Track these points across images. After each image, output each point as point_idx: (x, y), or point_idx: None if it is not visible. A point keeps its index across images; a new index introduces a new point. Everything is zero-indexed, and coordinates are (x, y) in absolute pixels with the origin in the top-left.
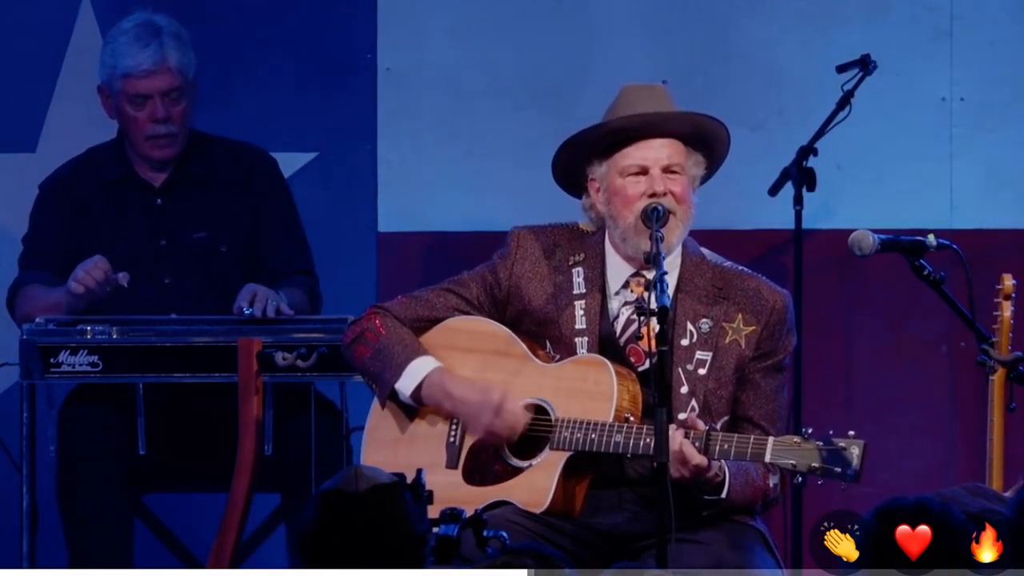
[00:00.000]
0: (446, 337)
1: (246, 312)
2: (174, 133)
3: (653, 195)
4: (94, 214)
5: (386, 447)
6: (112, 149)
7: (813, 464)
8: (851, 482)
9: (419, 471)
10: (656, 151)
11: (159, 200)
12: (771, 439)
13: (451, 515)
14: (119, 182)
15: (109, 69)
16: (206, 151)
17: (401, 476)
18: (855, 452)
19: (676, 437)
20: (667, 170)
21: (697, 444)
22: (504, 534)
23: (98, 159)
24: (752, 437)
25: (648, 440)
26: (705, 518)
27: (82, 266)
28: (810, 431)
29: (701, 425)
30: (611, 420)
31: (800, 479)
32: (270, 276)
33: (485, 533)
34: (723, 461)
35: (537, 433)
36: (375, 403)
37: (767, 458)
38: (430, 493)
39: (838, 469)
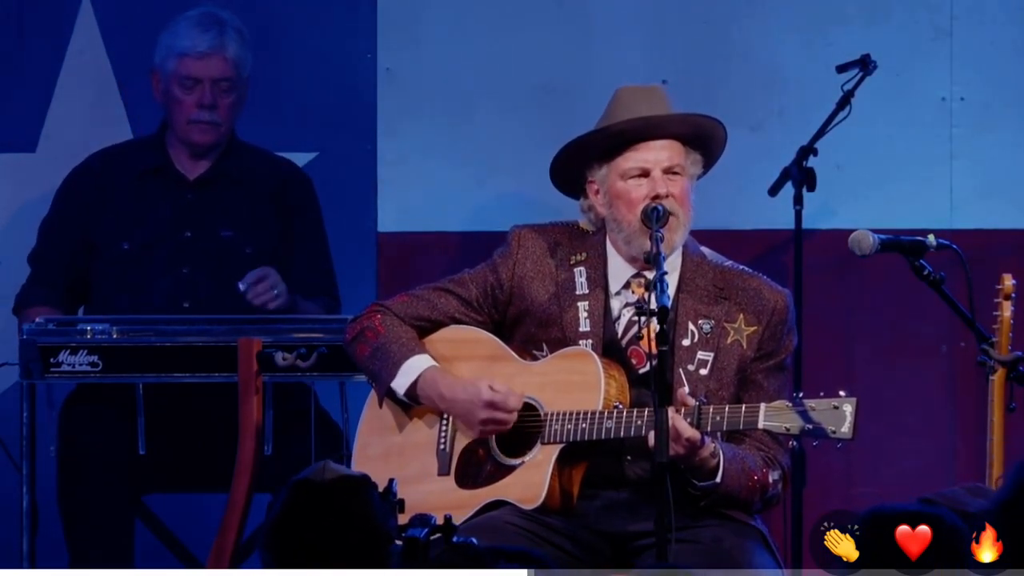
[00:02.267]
0: (433, 349)
1: (241, 288)
2: (217, 123)
3: (656, 197)
4: (120, 202)
5: (377, 463)
6: (152, 140)
7: (807, 426)
8: (846, 440)
9: (391, 481)
10: (657, 153)
11: (190, 195)
12: (763, 405)
13: (421, 519)
14: (153, 172)
15: (165, 49)
16: (244, 156)
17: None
18: (848, 410)
19: (669, 414)
20: (668, 171)
21: (689, 419)
22: (474, 540)
23: (136, 148)
24: (744, 406)
25: (640, 423)
26: (705, 518)
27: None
28: (801, 395)
29: (691, 400)
30: (600, 408)
31: (796, 443)
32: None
33: (455, 539)
34: (719, 447)
35: (528, 430)
36: (362, 421)
37: (760, 424)
38: (401, 502)
39: (832, 428)
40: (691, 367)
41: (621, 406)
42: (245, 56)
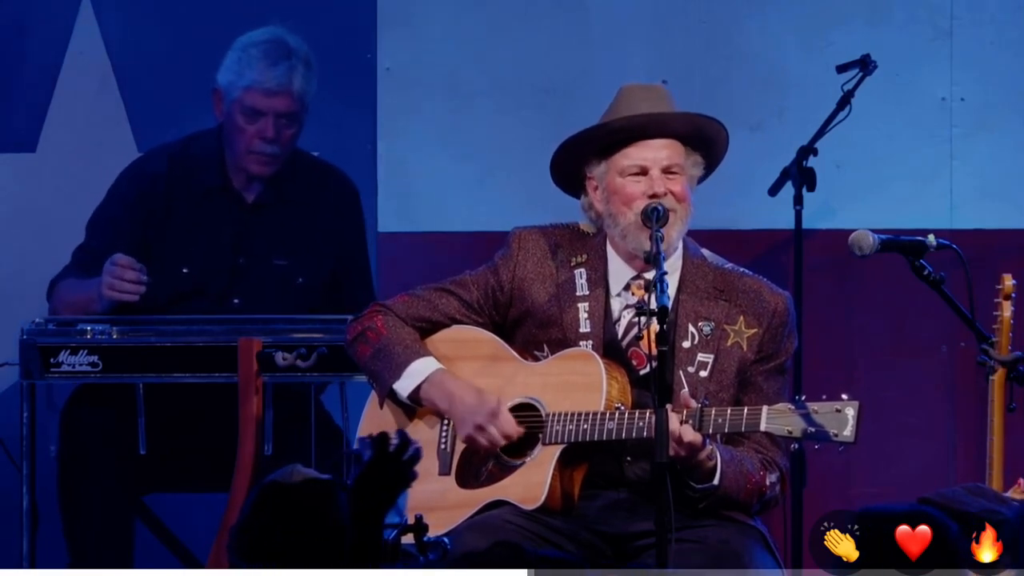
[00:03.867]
0: (435, 349)
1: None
2: (277, 154)
3: (653, 196)
4: (181, 219)
5: None
6: (210, 150)
7: (809, 429)
8: (848, 444)
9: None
10: (656, 152)
11: (248, 218)
12: (765, 408)
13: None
14: (213, 191)
15: (233, 76)
16: (297, 170)
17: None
18: (850, 413)
19: (673, 419)
20: (667, 171)
21: (690, 421)
22: (446, 540)
23: (195, 159)
24: (746, 408)
25: (641, 424)
26: (705, 518)
27: (111, 272)
28: (804, 397)
29: (693, 403)
30: (602, 409)
31: (797, 446)
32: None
33: (425, 539)
34: (716, 449)
35: (529, 430)
36: (363, 419)
37: (763, 427)
38: None
39: (834, 431)
40: (691, 369)
41: (623, 407)
42: (310, 86)
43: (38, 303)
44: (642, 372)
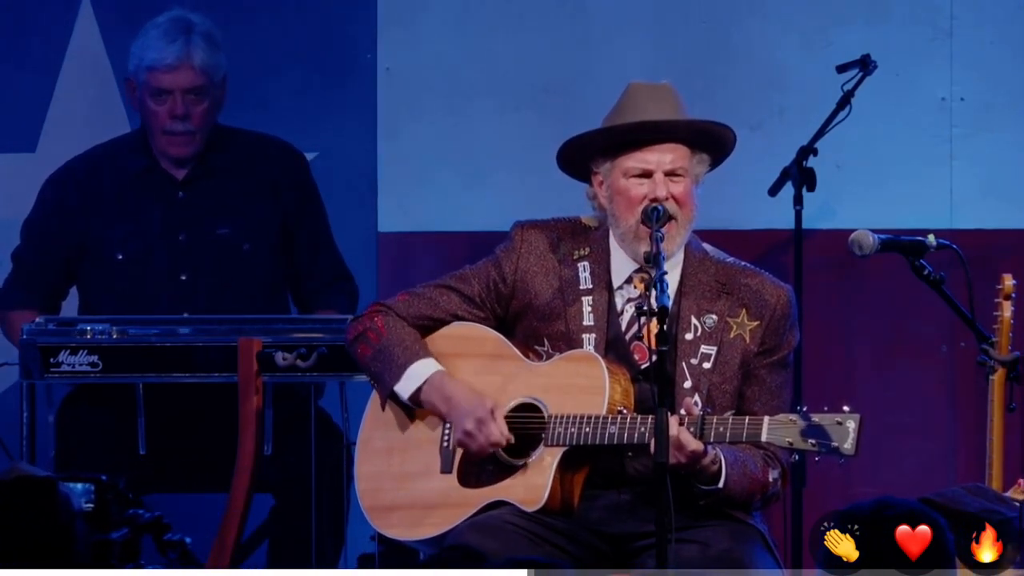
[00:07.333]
0: (437, 346)
1: None
2: (191, 131)
3: (655, 199)
4: (109, 207)
5: (380, 456)
6: (136, 140)
7: (810, 441)
8: (849, 457)
9: (119, 480)
10: (660, 155)
11: (181, 194)
12: (767, 418)
13: (128, 519)
14: (141, 174)
15: (136, 60)
16: (231, 145)
17: (99, 480)
18: (851, 426)
19: (672, 424)
20: (670, 174)
21: (692, 429)
22: (188, 540)
23: (120, 150)
24: (747, 418)
25: (643, 429)
26: (705, 518)
27: None
28: (805, 408)
29: (696, 410)
30: (604, 413)
31: (797, 457)
32: (312, 289)
33: (166, 537)
34: (719, 451)
35: (531, 431)
36: (367, 414)
37: (764, 438)
38: (122, 496)
39: (835, 444)
40: (694, 361)
41: (625, 411)
42: (215, 60)
43: None
44: (644, 366)
